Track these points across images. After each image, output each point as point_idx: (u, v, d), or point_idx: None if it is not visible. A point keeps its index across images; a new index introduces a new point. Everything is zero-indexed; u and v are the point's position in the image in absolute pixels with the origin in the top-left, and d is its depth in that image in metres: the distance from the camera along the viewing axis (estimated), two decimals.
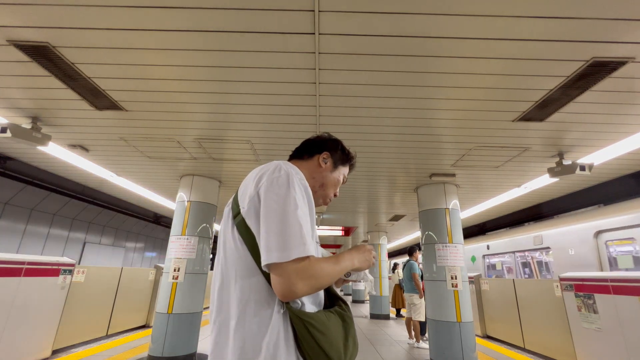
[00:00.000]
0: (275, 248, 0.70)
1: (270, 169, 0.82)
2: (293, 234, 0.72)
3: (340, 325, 0.79)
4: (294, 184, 0.79)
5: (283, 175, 0.80)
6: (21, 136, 2.93)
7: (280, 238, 0.71)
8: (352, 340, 0.80)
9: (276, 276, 0.71)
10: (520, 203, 6.17)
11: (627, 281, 3.50)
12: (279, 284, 0.70)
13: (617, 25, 1.78)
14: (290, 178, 0.80)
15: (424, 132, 3.21)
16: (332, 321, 0.78)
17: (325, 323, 0.75)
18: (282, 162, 0.85)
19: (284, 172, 0.81)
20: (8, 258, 3.56)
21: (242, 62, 2.22)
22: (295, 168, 0.85)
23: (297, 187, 0.79)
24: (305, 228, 0.74)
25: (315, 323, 0.73)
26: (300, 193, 0.79)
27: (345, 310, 0.84)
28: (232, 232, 0.82)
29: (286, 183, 0.78)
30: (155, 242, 14.11)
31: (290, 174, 0.81)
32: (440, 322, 4.20)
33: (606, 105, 2.59)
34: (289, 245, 0.71)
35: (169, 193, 6.05)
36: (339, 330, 0.78)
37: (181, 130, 3.32)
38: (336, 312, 0.82)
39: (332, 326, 0.76)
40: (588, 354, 3.87)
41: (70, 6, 1.75)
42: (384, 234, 10.02)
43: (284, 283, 0.70)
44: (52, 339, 4.02)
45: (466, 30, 1.87)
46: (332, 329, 0.76)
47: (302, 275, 0.70)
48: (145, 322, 6.40)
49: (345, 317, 0.82)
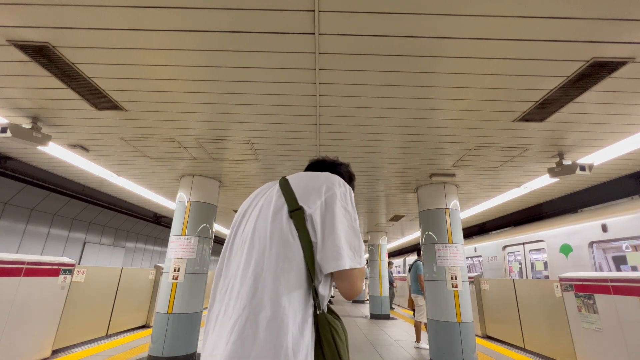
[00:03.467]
0: (348, 256, 0.81)
1: (336, 182, 0.92)
2: (360, 245, 0.86)
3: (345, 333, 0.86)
4: (353, 200, 0.92)
5: (349, 191, 0.92)
6: (21, 136, 2.93)
7: (352, 248, 0.83)
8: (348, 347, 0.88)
9: (346, 279, 0.83)
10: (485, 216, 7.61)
11: (627, 281, 3.50)
12: (351, 286, 0.83)
13: (617, 26, 1.78)
14: (351, 195, 0.92)
15: (424, 132, 3.21)
16: (339, 321, 0.85)
17: (344, 330, 0.83)
18: (339, 177, 0.96)
19: (349, 188, 0.93)
20: (8, 258, 3.56)
21: (242, 62, 2.22)
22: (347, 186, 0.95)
23: (353, 203, 0.91)
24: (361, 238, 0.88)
25: (339, 329, 0.81)
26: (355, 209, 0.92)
27: (337, 315, 0.89)
28: (286, 224, 0.84)
29: (351, 199, 0.91)
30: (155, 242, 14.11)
31: (351, 190, 0.93)
32: (440, 322, 4.20)
33: (606, 105, 2.59)
34: (358, 254, 0.84)
35: (169, 193, 6.05)
36: (345, 334, 0.85)
37: (181, 130, 3.32)
38: (337, 317, 0.88)
39: (345, 335, 0.83)
40: (588, 354, 3.87)
41: (70, 6, 1.75)
42: (384, 234, 10.02)
43: (354, 286, 0.83)
44: (52, 338, 4.02)
45: (466, 31, 1.87)
46: (343, 335, 0.83)
47: (362, 279, 0.86)
48: (145, 322, 6.40)
49: (343, 325, 0.87)
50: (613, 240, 4.38)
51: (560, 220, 5.44)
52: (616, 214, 4.36)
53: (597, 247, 4.62)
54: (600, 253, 4.63)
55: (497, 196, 5.52)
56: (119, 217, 10.68)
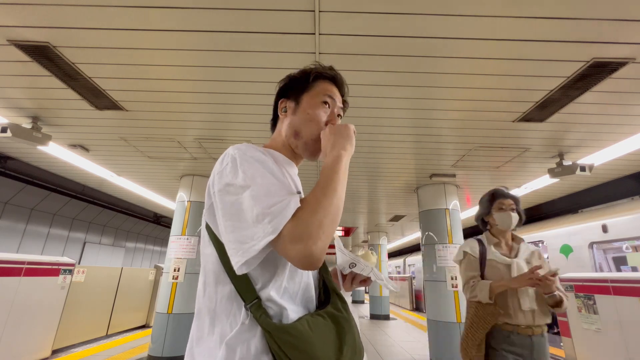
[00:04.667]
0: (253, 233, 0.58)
1: (218, 162, 0.70)
2: (266, 202, 0.59)
3: (331, 332, 0.64)
4: (242, 162, 0.65)
5: (228, 161, 0.67)
6: (21, 136, 2.93)
7: (254, 219, 0.59)
8: (351, 347, 0.65)
9: (285, 251, 0.58)
10: None
11: (628, 282, 3.50)
12: (292, 257, 0.58)
13: (618, 26, 1.78)
14: (238, 159, 0.66)
15: (424, 132, 3.21)
16: (319, 330, 0.62)
17: (305, 335, 0.59)
18: (232, 147, 0.71)
19: (230, 157, 0.68)
20: (8, 258, 3.56)
21: (243, 62, 2.22)
22: (248, 146, 0.71)
23: (246, 163, 0.65)
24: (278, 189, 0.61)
25: (290, 337, 0.58)
26: (251, 164, 0.65)
27: (341, 310, 0.68)
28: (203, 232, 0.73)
29: (232, 165, 0.66)
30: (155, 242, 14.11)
31: (235, 156, 0.67)
32: (440, 322, 4.19)
33: (606, 106, 2.59)
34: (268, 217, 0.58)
35: (169, 193, 6.05)
36: (330, 339, 0.63)
37: (181, 130, 3.32)
38: (328, 315, 0.66)
39: (318, 337, 0.61)
40: (588, 354, 3.87)
41: (70, 6, 1.75)
42: (384, 234, 10.02)
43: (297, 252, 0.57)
44: (51, 338, 4.02)
45: (466, 31, 1.87)
46: (317, 341, 0.60)
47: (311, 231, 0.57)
48: (145, 322, 6.39)
49: (340, 320, 0.66)
50: (613, 241, 4.38)
51: (560, 221, 5.43)
52: (616, 215, 4.35)
53: (597, 248, 4.61)
54: (600, 254, 4.63)
55: None
56: (119, 217, 10.68)
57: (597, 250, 4.61)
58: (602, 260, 4.60)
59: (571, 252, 4.89)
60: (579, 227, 4.81)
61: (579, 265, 4.69)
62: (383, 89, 2.49)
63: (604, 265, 4.60)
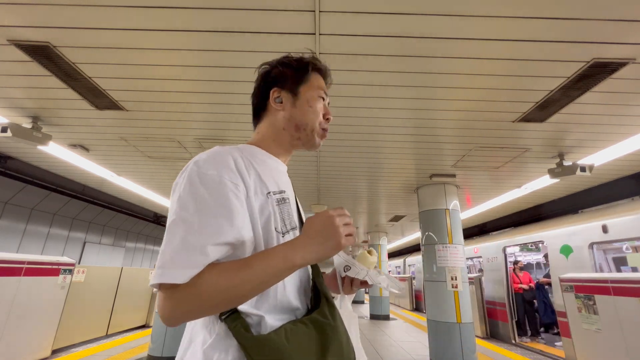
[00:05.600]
0: (160, 264, 0.55)
1: (181, 171, 0.65)
2: (174, 247, 0.55)
3: (313, 341, 0.60)
4: (193, 185, 0.60)
5: (184, 177, 0.62)
6: (22, 136, 2.93)
7: (161, 256, 0.56)
8: (336, 356, 0.60)
9: (159, 299, 0.56)
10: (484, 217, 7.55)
11: (628, 282, 3.50)
12: (159, 307, 0.55)
13: (618, 26, 1.77)
14: (191, 177, 0.61)
15: (424, 132, 3.21)
16: (297, 339, 0.58)
17: (280, 347, 0.55)
18: (196, 158, 0.65)
19: (186, 173, 0.63)
20: (8, 258, 3.56)
21: (243, 62, 2.22)
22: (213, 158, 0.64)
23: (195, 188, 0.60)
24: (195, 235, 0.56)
25: (263, 350, 0.54)
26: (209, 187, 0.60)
27: (327, 316, 0.64)
28: None
29: (187, 184, 0.61)
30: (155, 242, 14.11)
31: (192, 172, 0.62)
32: (440, 322, 4.19)
33: (607, 106, 2.59)
34: (166, 264, 0.54)
35: (169, 193, 6.03)
36: (310, 349, 0.59)
37: (181, 130, 3.32)
38: (312, 322, 0.62)
39: (295, 348, 0.57)
40: (588, 354, 3.87)
41: (71, 6, 1.75)
42: (384, 235, 10.02)
43: (158, 307, 0.55)
44: (51, 338, 4.02)
45: (467, 31, 1.87)
46: (294, 353, 0.56)
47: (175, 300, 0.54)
48: (145, 322, 6.39)
49: (325, 328, 0.62)
50: (613, 241, 4.38)
51: (560, 221, 5.43)
52: (616, 215, 4.35)
53: (597, 248, 4.61)
54: (600, 254, 4.63)
55: (497, 197, 5.51)
56: (119, 217, 10.68)
57: (597, 251, 4.60)
58: (602, 261, 4.60)
59: (571, 252, 4.89)
60: (579, 228, 4.81)
61: (579, 266, 4.69)
62: (383, 89, 2.49)
63: (604, 266, 4.59)
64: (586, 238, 4.64)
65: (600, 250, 4.64)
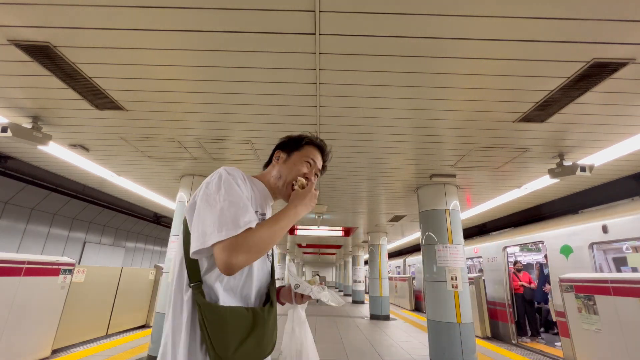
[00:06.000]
0: (210, 232, 0.79)
1: (209, 176, 0.92)
2: (224, 218, 0.81)
3: (246, 322, 0.84)
4: (225, 183, 0.88)
5: (216, 177, 0.90)
6: (22, 136, 2.93)
7: (214, 224, 0.80)
8: (256, 339, 0.84)
9: (216, 254, 0.79)
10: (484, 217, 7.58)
11: (628, 282, 3.50)
12: (219, 260, 0.78)
13: (618, 26, 1.78)
14: (223, 178, 0.89)
15: (424, 132, 3.21)
16: (236, 316, 0.82)
17: (222, 315, 0.80)
18: (224, 167, 0.93)
19: (218, 174, 0.91)
20: (8, 257, 3.56)
21: (243, 62, 2.22)
22: (234, 170, 0.94)
23: (227, 185, 0.87)
24: (237, 211, 0.83)
25: (211, 313, 0.79)
26: (230, 188, 0.87)
27: (263, 312, 0.88)
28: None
29: (218, 183, 0.88)
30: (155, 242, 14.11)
31: (223, 175, 0.90)
32: (440, 322, 4.19)
33: (607, 106, 2.59)
34: (222, 227, 0.79)
35: (169, 193, 6.05)
36: (242, 326, 0.82)
37: (181, 130, 3.32)
38: (251, 311, 0.86)
39: (232, 320, 0.81)
40: (588, 355, 3.87)
41: (71, 6, 1.75)
42: (384, 235, 10.02)
43: (222, 258, 0.77)
44: (51, 338, 4.02)
45: (467, 31, 1.87)
46: (231, 323, 0.80)
47: (238, 248, 0.78)
48: (145, 322, 6.39)
49: (258, 318, 0.86)
50: (613, 242, 4.38)
51: (560, 221, 5.43)
52: (617, 215, 4.35)
53: (597, 248, 4.61)
54: (600, 254, 4.63)
55: (497, 197, 5.51)
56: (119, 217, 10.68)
57: (597, 251, 4.60)
58: (602, 261, 4.60)
59: (571, 252, 4.89)
60: (579, 228, 4.81)
61: (579, 266, 4.69)
62: (383, 89, 2.49)
63: (604, 266, 4.59)
64: (586, 238, 4.64)
65: (600, 251, 4.64)
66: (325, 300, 1.02)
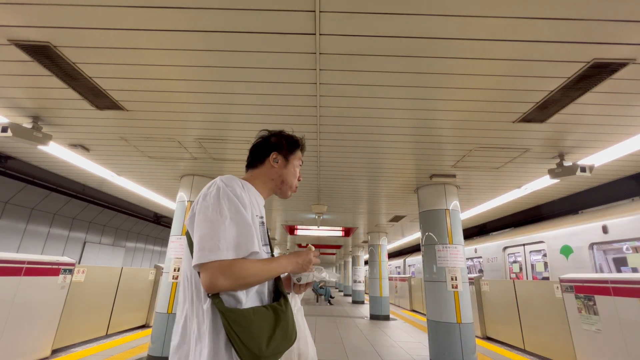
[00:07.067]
0: (201, 250, 0.83)
1: (206, 187, 0.95)
2: (219, 238, 0.84)
3: (270, 318, 0.88)
4: (224, 196, 0.91)
5: (214, 189, 0.93)
6: (22, 135, 2.93)
7: (208, 242, 0.84)
8: (282, 331, 0.89)
9: (202, 273, 0.84)
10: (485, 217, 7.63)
11: (628, 283, 3.50)
12: (203, 279, 0.83)
13: (618, 27, 1.78)
14: (221, 191, 0.91)
15: (424, 132, 3.21)
16: (260, 315, 0.87)
17: (248, 317, 0.84)
18: (220, 178, 0.96)
19: (216, 186, 0.93)
20: (8, 257, 3.56)
21: (243, 62, 2.22)
22: (231, 180, 0.96)
23: (226, 199, 0.90)
24: (232, 234, 0.87)
25: (237, 317, 0.83)
26: (230, 204, 0.90)
27: (282, 305, 0.94)
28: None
29: (216, 196, 0.91)
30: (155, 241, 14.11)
31: (221, 187, 0.92)
32: (440, 323, 4.19)
33: (607, 106, 2.59)
34: (215, 248, 0.83)
35: (169, 193, 6.05)
36: (267, 323, 0.87)
37: (182, 130, 3.32)
38: (270, 307, 0.91)
39: (258, 320, 0.85)
40: (588, 355, 3.87)
41: (71, 6, 1.76)
42: (384, 235, 10.02)
43: (206, 279, 0.82)
44: (51, 338, 4.02)
45: (467, 31, 1.87)
46: (257, 323, 0.85)
47: (223, 273, 0.82)
48: (145, 322, 6.39)
49: (279, 312, 0.91)
50: (614, 242, 4.38)
51: (560, 222, 5.44)
52: (617, 216, 4.35)
53: (597, 249, 4.61)
54: (600, 254, 4.63)
55: (497, 197, 5.51)
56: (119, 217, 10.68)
57: (598, 251, 4.61)
58: (602, 261, 4.60)
59: (571, 252, 4.89)
60: (579, 228, 4.81)
61: (579, 266, 4.69)
62: (383, 89, 2.49)
63: (604, 266, 4.59)
64: (586, 238, 4.64)
65: (601, 251, 4.64)
66: (327, 277, 1.16)
